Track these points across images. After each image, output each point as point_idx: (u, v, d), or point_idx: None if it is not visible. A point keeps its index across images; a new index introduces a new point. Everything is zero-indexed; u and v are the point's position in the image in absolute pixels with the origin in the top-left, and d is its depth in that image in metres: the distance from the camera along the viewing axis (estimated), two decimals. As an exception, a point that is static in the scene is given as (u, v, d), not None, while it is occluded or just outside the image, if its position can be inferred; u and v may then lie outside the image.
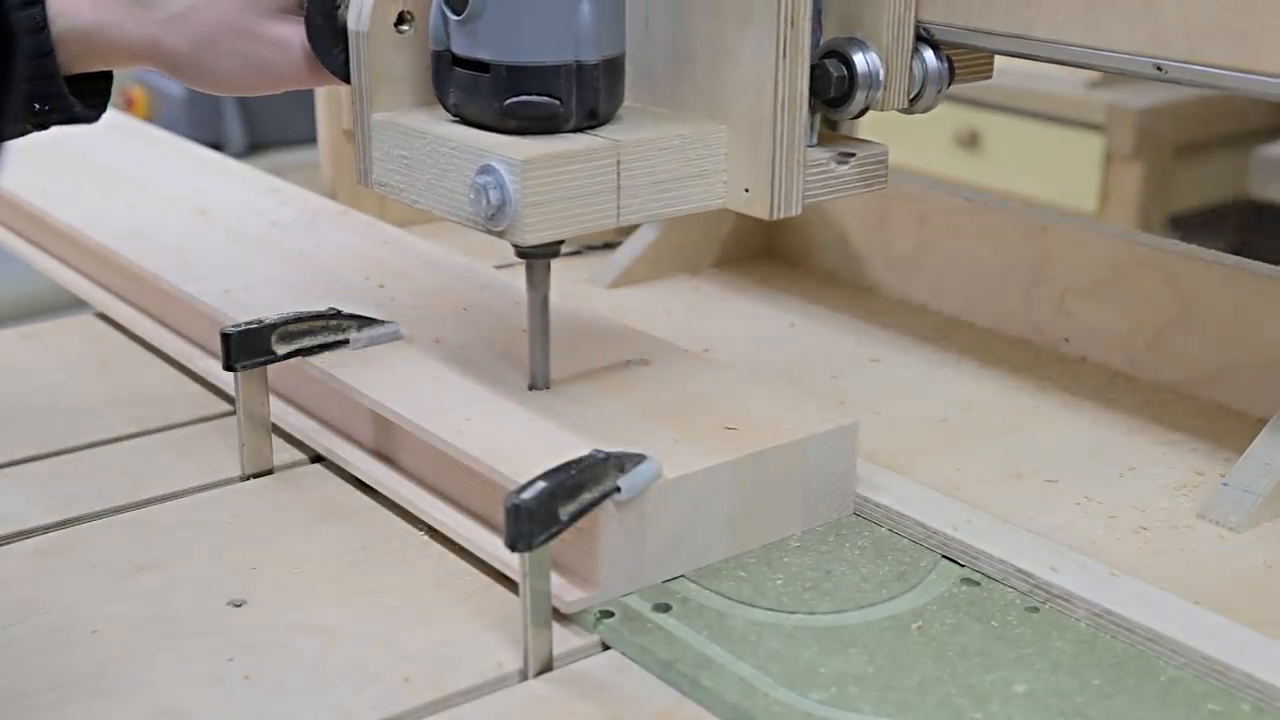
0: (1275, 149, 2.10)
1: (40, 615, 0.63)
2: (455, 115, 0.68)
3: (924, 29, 0.71)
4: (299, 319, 0.75)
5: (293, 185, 1.10)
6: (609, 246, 1.06)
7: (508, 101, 0.65)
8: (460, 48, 0.66)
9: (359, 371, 0.74)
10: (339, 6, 0.71)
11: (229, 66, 0.72)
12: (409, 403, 0.70)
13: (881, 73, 0.69)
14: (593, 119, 0.67)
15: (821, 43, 0.69)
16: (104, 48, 0.72)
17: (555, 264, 0.71)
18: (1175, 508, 0.73)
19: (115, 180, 1.10)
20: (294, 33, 0.72)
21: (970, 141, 2.28)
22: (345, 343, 0.76)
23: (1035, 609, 0.63)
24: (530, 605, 0.58)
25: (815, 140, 0.69)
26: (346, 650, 0.60)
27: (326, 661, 0.59)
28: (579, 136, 0.66)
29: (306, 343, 0.75)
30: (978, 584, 0.65)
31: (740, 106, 0.67)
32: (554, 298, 0.72)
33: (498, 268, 0.92)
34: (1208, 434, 0.80)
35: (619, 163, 0.65)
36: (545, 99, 0.65)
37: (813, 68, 0.67)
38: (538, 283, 0.71)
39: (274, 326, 0.74)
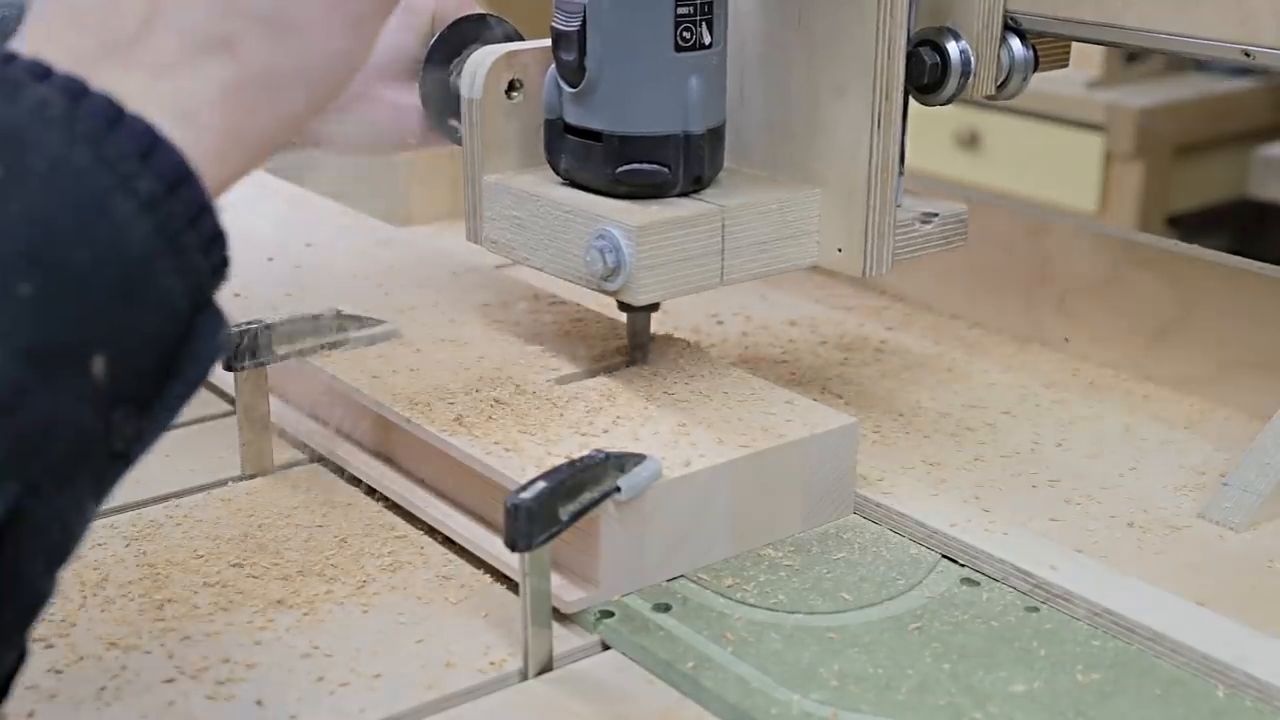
0: (1275, 149, 2.10)
1: (40, 616, 0.62)
2: (566, 179, 0.71)
3: (1012, 18, 0.73)
4: (299, 319, 0.75)
5: (293, 185, 1.10)
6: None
7: (619, 169, 0.68)
8: (573, 117, 0.69)
9: (359, 371, 0.74)
10: (452, 74, 0.75)
11: (353, 131, 0.75)
12: (408, 403, 0.71)
13: (972, 61, 0.71)
14: (697, 184, 0.70)
15: (914, 32, 0.71)
16: None
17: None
18: (1175, 508, 0.73)
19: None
20: (411, 98, 0.75)
21: (970, 141, 2.28)
22: (345, 343, 0.76)
23: (1035, 609, 0.63)
24: (530, 605, 0.58)
25: (902, 200, 0.72)
26: (346, 650, 0.60)
27: (326, 661, 0.59)
28: (685, 201, 0.69)
29: (306, 343, 0.75)
30: (978, 584, 0.65)
31: (834, 173, 0.70)
32: (554, 296, 0.72)
33: (498, 268, 0.92)
34: (1208, 434, 0.80)
35: (723, 226, 0.68)
36: (655, 167, 0.68)
37: (907, 56, 0.69)
38: (640, 333, 0.75)
39: (274, 326, 0.74)
